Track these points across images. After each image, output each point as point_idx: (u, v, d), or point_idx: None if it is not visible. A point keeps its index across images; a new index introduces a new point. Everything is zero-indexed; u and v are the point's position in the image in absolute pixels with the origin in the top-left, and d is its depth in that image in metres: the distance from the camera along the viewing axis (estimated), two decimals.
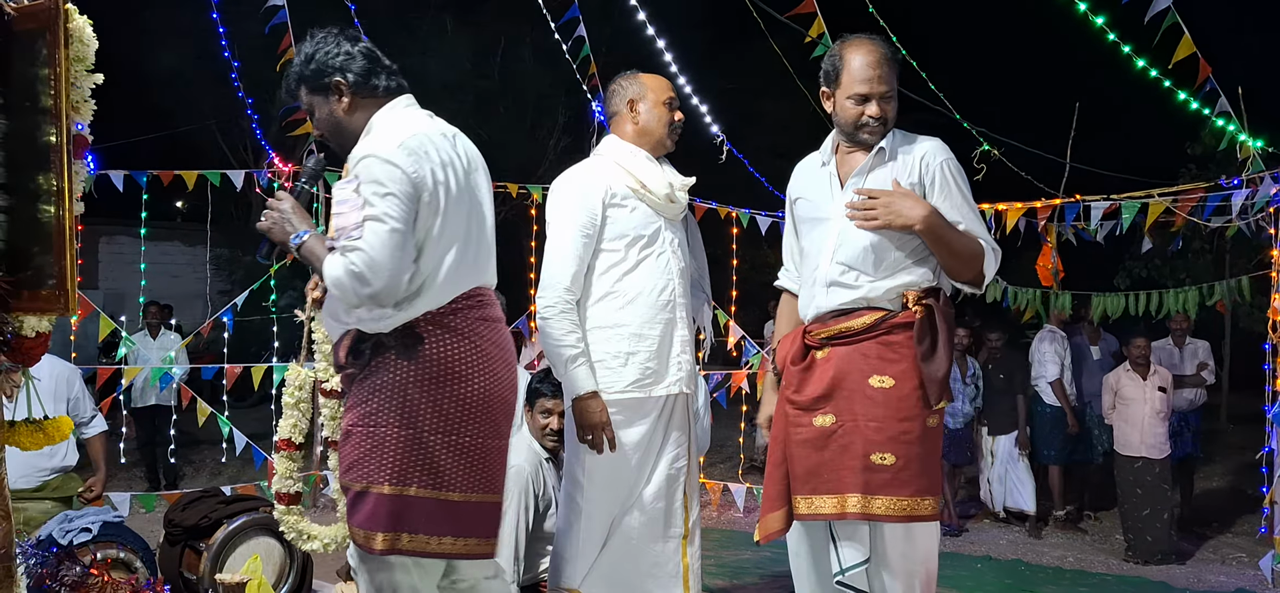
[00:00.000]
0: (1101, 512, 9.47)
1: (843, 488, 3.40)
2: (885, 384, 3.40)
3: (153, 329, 10.52)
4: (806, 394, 3.52)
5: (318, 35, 3.28)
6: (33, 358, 2.70)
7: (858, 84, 3.45)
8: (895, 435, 3.38)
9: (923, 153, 3.49)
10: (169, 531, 5.20)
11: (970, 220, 3.47)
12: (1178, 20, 6.42)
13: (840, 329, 3.48)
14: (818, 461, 3.46)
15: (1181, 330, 9.37)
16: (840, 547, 3.51)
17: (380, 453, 3.08)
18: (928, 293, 3.45)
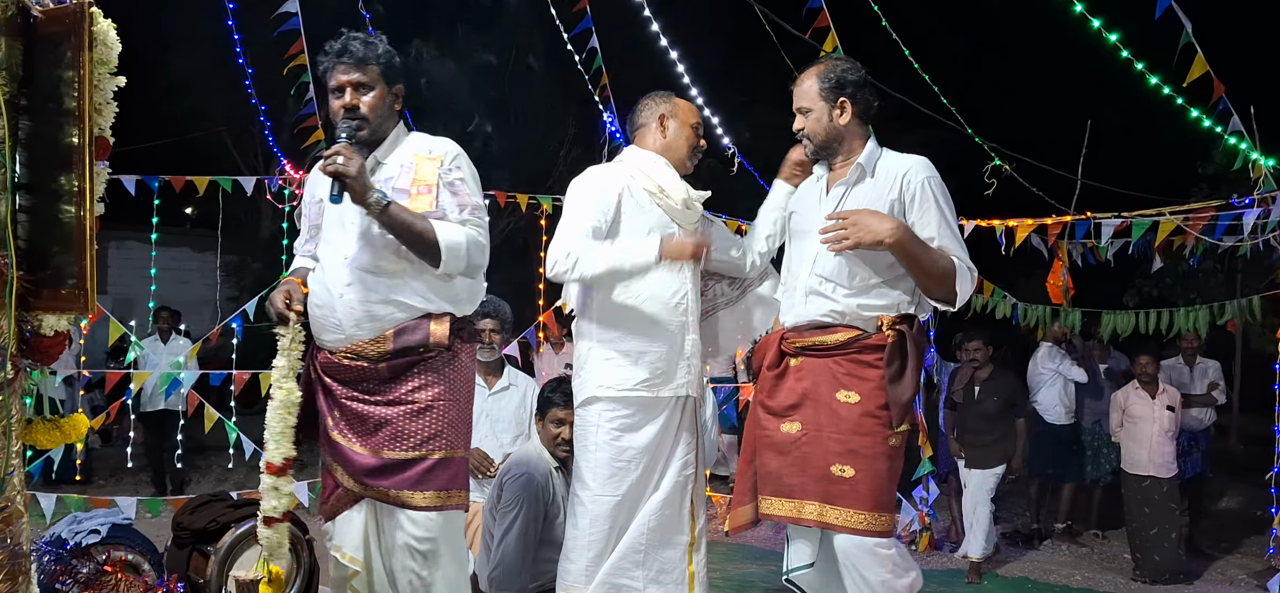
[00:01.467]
0: (1109, 531, 9.44)
1: (802, 495, 3.57)
2: (851, 399, 3.54)
3: (163, 334, 10.55)
4: (777, 400, 3.68)
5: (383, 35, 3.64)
6: (51, 357, 2.72)
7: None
8: (856, 449, 3.52)
9: (905, 170, 3.60)
10: (177, 534, 5.20)
11: (946, 239, 3.56)
12: (1192, 40, 6.41)
13: (815, 341, 3.62)
14: (780, 465, 3.63)
15: (1192, 349, 9.35)
16: (791, 548, 3.71)
17: (462, 422, 3.56)
18: (902, 319, 3.58)
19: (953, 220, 3.61)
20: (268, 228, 16.96)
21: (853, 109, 3.68)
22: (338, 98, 3.45)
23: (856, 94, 3.68)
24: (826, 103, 3.68)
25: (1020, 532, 9.32)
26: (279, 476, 3.38)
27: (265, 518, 3.45)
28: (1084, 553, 8.85)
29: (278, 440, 3.38)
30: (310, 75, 8.89)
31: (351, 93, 3.43)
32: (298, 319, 3.41)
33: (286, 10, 8.63)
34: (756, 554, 8.04)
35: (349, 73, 3.43)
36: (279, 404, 3.38)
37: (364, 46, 3.46)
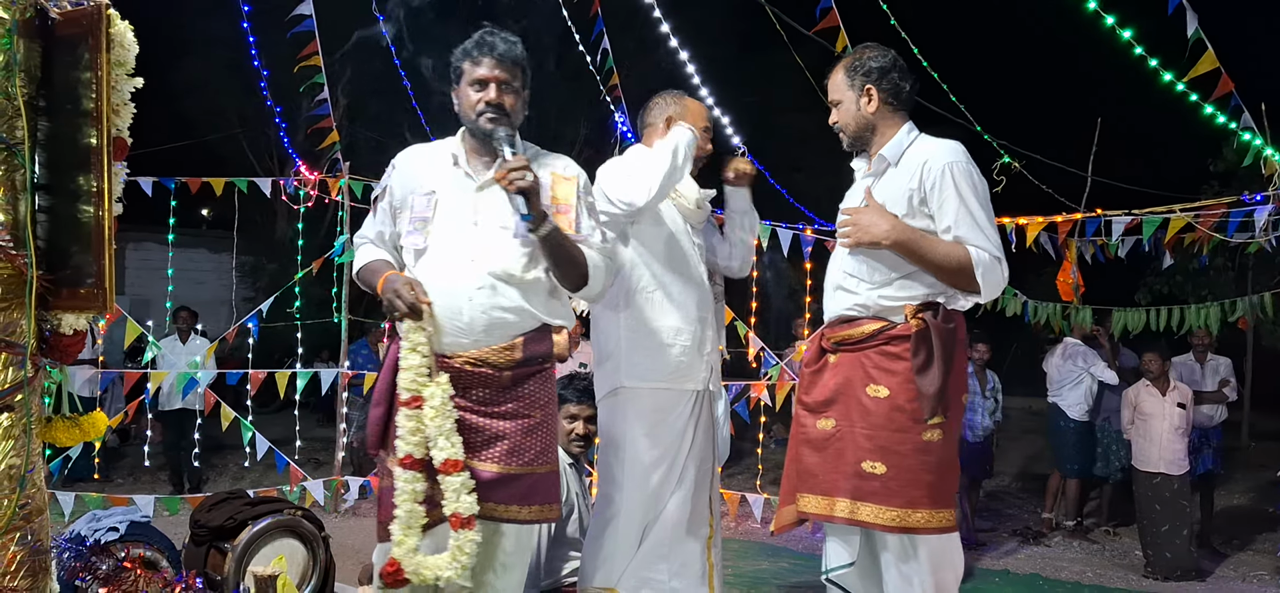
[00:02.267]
0: (1120, 527, 9.44)
1: (833, 491, 3.50)
2: (880, 394, 3.46)
3: (183, 334, 10.63)
4: (814, 397, 3.64)
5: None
6: (70, 356, 2.77)
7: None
8: (886, 446, 3.43)
9: (927, 157, 3.48)
10: (194, 531, 5.25)
11: (964, 228, 3.41)
12: (1202, 36, 6.40)
13: (846, 336, 3.57)
14: (815, 462, 3.58)
15: (1203, 346, 9.33)
16: (828, 547, 3.64)
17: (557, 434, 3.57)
18: (926, 306, 3.46)
19: (978, 208, 3.43)
20: (283, 229, 17.06)
21: (879, 96, 3.58)
22: (479, 91, 3.31)
23: (881, 80, 3.58)
24: (854, 92, 3.61)
25: (1031, 528, 9.32)
26: (460, 473, 3.16)
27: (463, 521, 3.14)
28: (1095, 550, 8.85)
29: (448, 438, 3.15)
30: (324, 76, 8.95)
31: (497, 90, 3.31)
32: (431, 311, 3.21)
33: (300, 11, 8.69)
34: (768, 551, 8.07)
35: (495, 69, 3.32)
36: (438, 404, 3.13)
37: (513, 46, 3.37)
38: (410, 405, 3.15)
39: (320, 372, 9.39)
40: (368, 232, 3.55)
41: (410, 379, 3.15)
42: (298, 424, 9.83)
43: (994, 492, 11.07)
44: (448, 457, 3.14)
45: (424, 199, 3.36)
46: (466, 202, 3.32)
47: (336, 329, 9.43)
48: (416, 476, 3.18)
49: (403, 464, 3.16)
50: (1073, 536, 9.15)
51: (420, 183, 3.40)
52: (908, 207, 3.46)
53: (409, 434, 3.16)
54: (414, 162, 3.47)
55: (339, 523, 8.42)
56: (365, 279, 3.45)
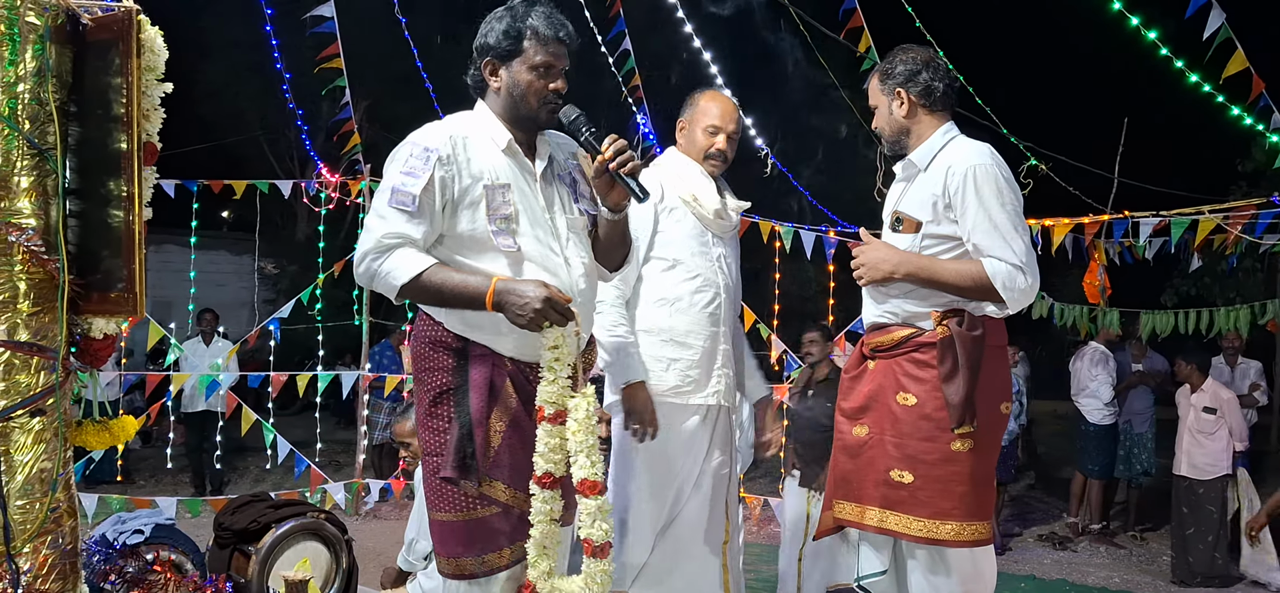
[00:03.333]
0: (1148, 531, 9.37)
1: (864, 499, 3.46)
2: (908, 402, 3.39)
3: (206, 336, 10.67)
4: (850, 403, 3.59)
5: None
6: (100, 359, 2.76)
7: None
8: (913, 455, 3.36)
9: (951, 162, 3.38)
10: (218, 534, 5.26)
11: (983, 234, 3.29)
12: (1231, 34, 6.33)
13: (879, 342, 3.52)
14: (850, 468, 3.54)
15: (1234, 349, 9.26)
16: (861, 554, 3.58)
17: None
18: (951, 313, 3.37)
19: (999, 213, 3.28)
20: (304, 231, 17.12)
21: (912, 99, 3.50)
22: (546, 77, 3.00)
23: (911, 83, 3.49)
24: (887, 97, 3.55)
25: (1057, 533, 9.26)
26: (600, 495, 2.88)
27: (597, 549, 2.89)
28: (1123, 555, 8.77)
29: (590, 456, 2.87)
30: (346, 79, 8.96)
31: (563, 79, 3.06)
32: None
33: (321, 13, 8.71)
34: None
35: (562, 57, 3.05)
36: (584, 418, 2.86)
37: (572, 35, 3.12)
38: (553, 421, 2.88)
39: (341, 374, 9.40)
40: (402, 232, 2.90)
41: (554, 393, 2.88)
42: (318, 427, 9.85)
43: (1019, 496, 11.00)
44: (588, 477, 2.87)
45: (502, 194, 2.98)
46: (530, 193, 3.03)
47: (357, 331, 9.44)
48: (554, 495, 2.90)
49: (541, 483, 2.88)
50: (1099, 540, 9.08)
51: (489, 175, 2.98)
52: (932, 213, 3.37)
53: (550, 452, 2.88)
54: (466, 150, 2.99)
55: (360, 526, 8.42)
56: (449, 290, 2.90)
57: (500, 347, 2.96)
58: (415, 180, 2.89)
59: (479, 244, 2.95)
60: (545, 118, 3.03)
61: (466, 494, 2.93)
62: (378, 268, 2.88)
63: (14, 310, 2.54)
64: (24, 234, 2.53)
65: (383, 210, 2.91)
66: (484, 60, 3.05)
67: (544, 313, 2.80)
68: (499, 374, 2.96)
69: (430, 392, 2.98)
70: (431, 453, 2.97)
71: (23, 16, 2.54)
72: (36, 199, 2.56)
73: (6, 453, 2.53)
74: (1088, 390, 9.19)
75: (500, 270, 2.93)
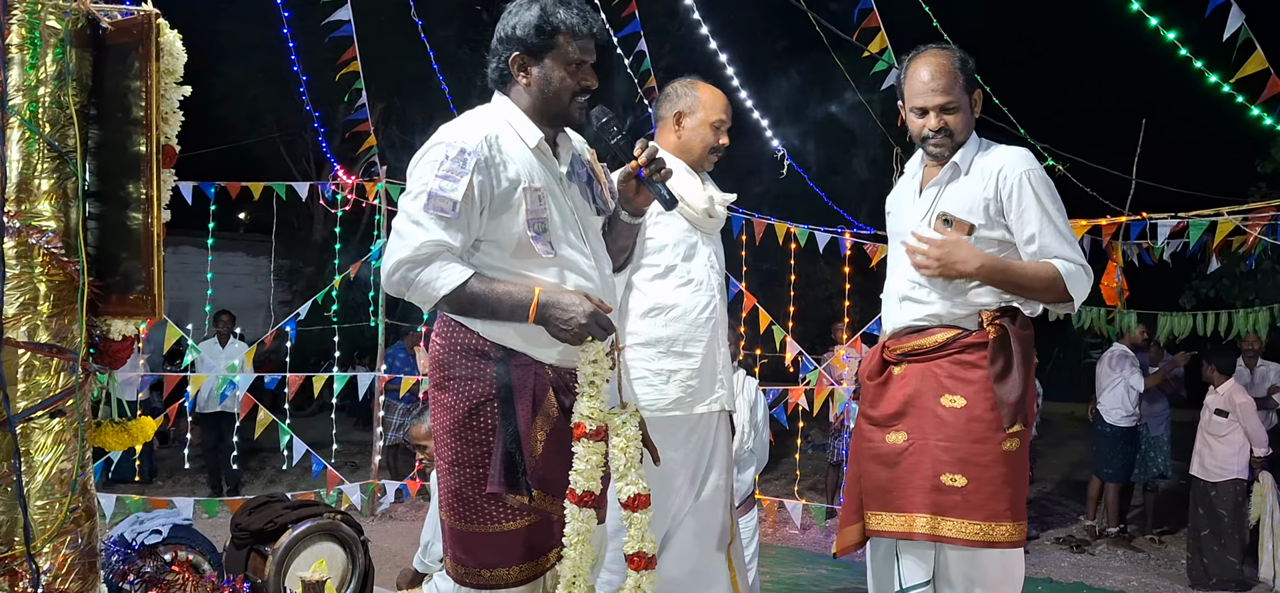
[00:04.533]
0: (1166, 535, 9.32)
1: (911, 507, 3.35)
2: (957, 404, 3.33)
3: (222, 337, 10.72)
4: (881, 410, 3.49)
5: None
6: (119, 361, 2.78)
7: (916, 97, 3.42)
8: (966, 457, 3.30)
9: (1000, 165, 3.36)
10: (235, 534, 5.29)
11: (1048, 238, 3.31)
12: (1250, 35, 6.29)
13: (914, 346, 3.44)
14: (888, 478, 3.42)
15: (1254, 352, 9.21)
16: (902, 564, 3.45)
17: None
18: (1003, 313, 3.36)
19: (1058, 215, 3.32)
20: (320, 233, 17.18)
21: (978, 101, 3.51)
22: (579, 74, 2.91)
23: (975, 84, 3.49)
24: (967, 96, 3.46)
25: (1074, 536, 9.22)
26: (644, 509, 2.81)
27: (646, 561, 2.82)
28: (1140, 558, 8.73)
29: (637, 472, 2.81)
30: (362, 81, 9.00)
31: (592, 75, 2.97)
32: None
33: (338, 17, 8.75)
34: (806, 558, 8.02)
35: (592, 52, 2.96)
36: (631, 435, 2.80)
37: (602, 29, 3.04)
38: (594, 438, 2.78)
39: (357, 375, 9.43)
40: (441, 240, 2.76)
41: (595, 409, 2.78)
42: (334, 428, 9.89)
43: (1036, 498, 10.95)
44: (637, 492, 2.79)
45: (538, 197, 2.85)
46: (559, 195, 2.92)
47: (373, 333, 9.47)
48: (592, 513, 2.80)
49: (581, 502, 2.77)
50: (1116, 543, 9.04)
51: (526, 177, 2.85)
52: (985, 217, 3.35)
53: (591, 470, 2.77)
54: (501, 151, 2.85)
55: (375, 526, 8.45)
56: (491, 302, 2.79)
57: (543, 355, 2.87)
58: (454, 185, 2.74)
59: (517, 249, 2.84)
60: (577, 115, 2.94)
61: (497, 506, 2.83)
62: (415, 278, 2.75)
63: (34, 312, 2.56)
64: (44, 237, 2.55)
65: (418, 216, 2.75)
66: (511, 54, 2.92)
67: (588, 327, 2.72)
68: (541, 383, 2.86)
69: (467, 400, 2.83)
70: (466, 463, 2.84)
71: (43, 21, 2.55)
72: (56, 202, 2.57)
73: (26, 454, 2.55)
74: (1107, 391, 9.15)
75: (538, 276, 2.84)
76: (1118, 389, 9.10)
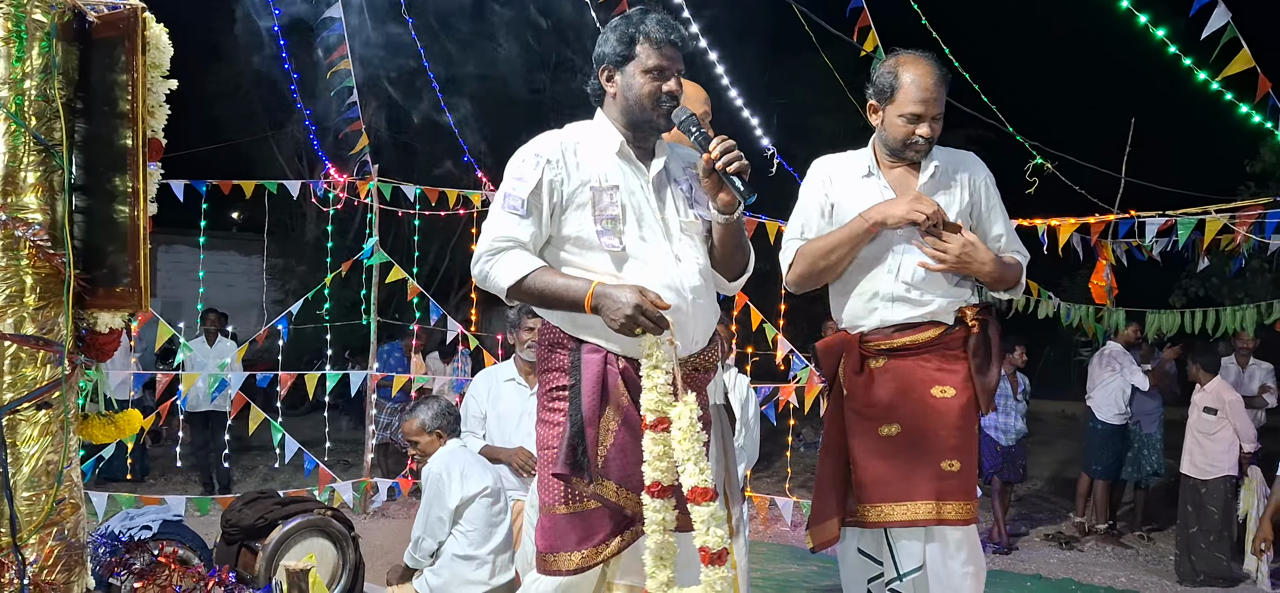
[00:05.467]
0: (1156, 532, 9.36)
1: (914, 495, 3.50)
2: (947, 394, 3.52)
3: (210, 336, 10.72)
4: (871, 405, 3.58)
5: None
6: (105, 354, 2.79)
7: (912, 104, 3.50)
8: (960, 444, 3.51)
9: (969, 172, 3.64)
10: (226, 530, 5.30)
11: (1009, 233, 3.69)
12: (1237, 34, 6.32)
13: (905, 342, 3.56)
14: (886, 469, 3.53)
15: (1245, 350, 9.25)
16: (898, 552, 3.57)
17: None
18: (984, 309, 3.60)
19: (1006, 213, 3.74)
20: (312, 231, 17.18)
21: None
22: (659, 79, 3.06)
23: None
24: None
25: (1063, 533, 9.25)
26: (711, 502, 2.83)
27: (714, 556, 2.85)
28: (1129, 555, 8.76)
29: (697, 463, 2.84)
30: (354, 80, 9.01)
31: (675, 81, 3.10)
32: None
33: (330, 16, 8.76)
34: (797, 554, 8.04)
35: (676, 60, 3.11)
36: (687, 426, 2.83)
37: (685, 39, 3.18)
38: (656, 428, 2.88)
39: (350, 374, 9.44)
40: (513, 234, 3.01)
41: (655, 400, 2.87)
42: (327, 426, 9.89)
43: (1026, 496, 10.99)
44: (697, 484, 2.84)
45: (609, 196, 3.05)
46: (641, 196, 3.08)
47: (365, 331, 9.48)
48: (666, 504, 2.89)
49: (651, 492, 2.89)
50: (1105, 540, 9.07)
51: (596, 177, 3.05)
52: (965, 217, 3.60)
53: (656, 460, 2.88)
54: (576, 154, 3.07)
55: (368, 524, 8.45)
56: (551, 293, 2.99)
57: (611, 346, 3.02)
58: (524, 184, 3.00)
59: (584, 244, 3.03)
60: (659, 119, 3.07)
61: (563, 489, 3.01)
62: (489, 270, 3.00)
63: (20, 305, 2.57)
64: (31, 229, 2.57)
65: (496, 213, 3.04)
66: (601, 68, 3.13)
67: (635, 319, 2.84)
68: (611, 372, 3.01)
69: (547, 388, 3.09)
70: (544, 446, 3.07)
71: (30, 14, 2.57)
72: (43, 195, 2.59)
73: (13, 445, 2.57)
74: (1100, 389, 9.17)
75: (604, 269, 3.01)
76: (1111, 387, 9.12)
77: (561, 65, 16.77)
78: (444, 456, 5.23)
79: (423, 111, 12.78)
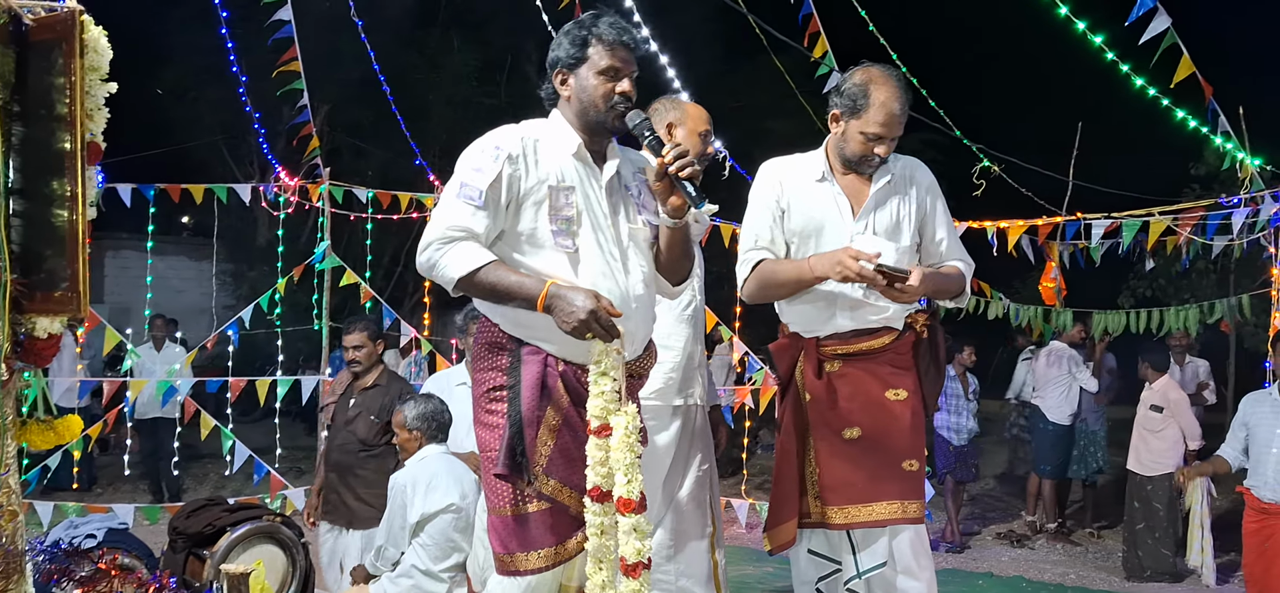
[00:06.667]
0: (1105, 529, 9.50)
1: (880, 496, 3.56)
2: (900, 397, 3.61)
3: (158, 342, 10.58)
4: (833, 408, 3.63)
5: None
6: (44, 359, 2.75)
7: (877, 125, 3.53)
8: (915, 444, 3.62)
9: (916, 180, 3.70)
10: (173, 538, 5.24)
11: (954, 239, 3.76)
12: (1177, 41, 6.44)
13: (860, 347, 3.62)
14: (850, 472, 3.59)
15: (1181, 348, 9.40)
16: (859, 554, 3.62)
17: None
18: (932, 315, 3.71)
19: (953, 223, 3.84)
20: (264, 235, 17.00)
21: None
22: (612, 80, 3.04)
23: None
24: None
25: (1015, 531, 9.36)
26: (640, 513, 2.84)
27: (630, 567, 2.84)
28: (1079, 552, 8.89)
29: (629, 473, 2.85)
30: (304, 82, 8.93)
31: (628, 83, 3.07)
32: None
33: (280, 17, 8.68)
34: (754, 557, 8.08)
35: (629, 62, 3.08)
36: (625, 434, 2.84)
37: (637, 41, 3.16)
38: (600, 434, 2.88)
39: (301, 379, 9.35)
40: (467, 225, 2.94)
41: (601, 406, 2.88)
42: (278, 433, 9.79)
43: (978, 495, 11.12)
44: (625, 495, 2.85)
45: (565, 196, 3.03)
46: (594, 199, 3.07)
47: (317, 336, 9.39)
48: (607, 508, 2.90)
49: (592, 496, 2.90)
50: (1055, 538, 9.20)
51: (554, 176, 3.03)
52: (911, 226, 3.66)
53: (599, 465, 2.88)
54: (536, 150, 3.04)
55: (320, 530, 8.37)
56: (503, 289, 2.94)
57: (555, 348, 3.00)
58: (483, 175, 2.94)
59: (538, 243, 3.00)
60: (613, 121, 3.05)
61: (513, 490, 3.00)
62: (438, 259, 2.94)
63: None
64: None
65: (450, 202, 2.97)
66: (555, 72, 3.11)
67: (588, 324, 2.83)
68: (551, 374, 3.00)
69: (484, 389, 3.06)
70: (484, 449, 3.07)
71: None
72: None
73: None
74: (1051, 389, 9.26)
75: (557, 270, 2.98)
76: (1061, 388, 9.22)
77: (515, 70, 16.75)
78: (413, 466, 5.12)
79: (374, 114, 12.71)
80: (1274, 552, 5.62)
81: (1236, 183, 7.35)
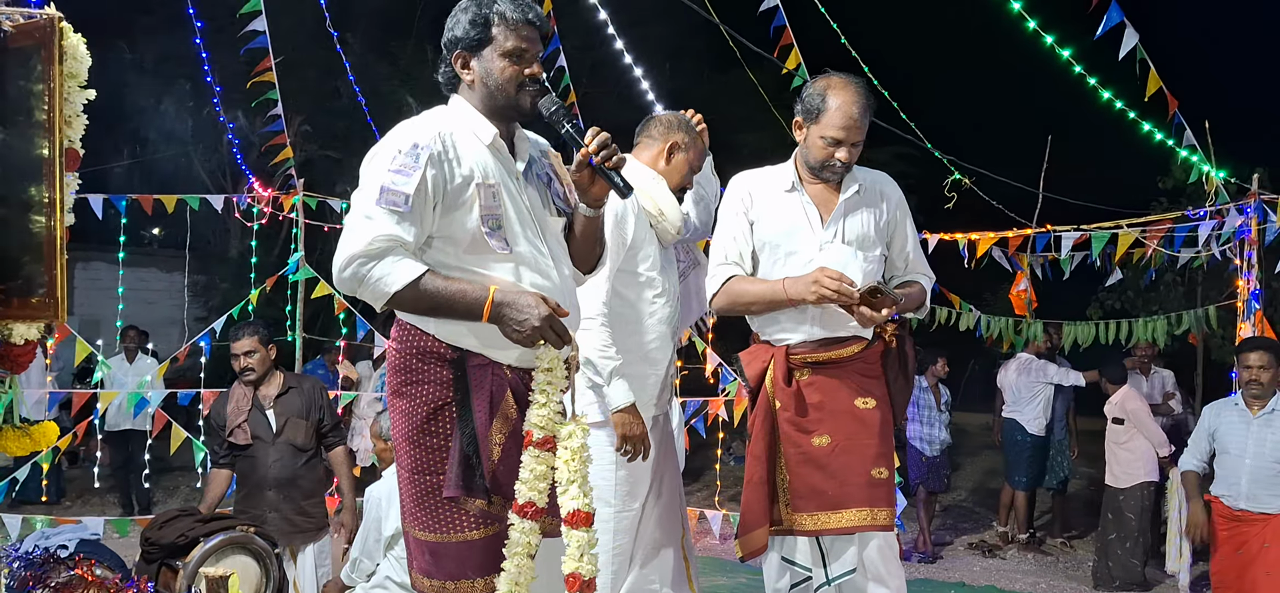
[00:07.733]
0: (1076, 539, 9.58)
1: (849, 503, 3.61)
2: (869, 405, 3.67)
3: (129, 353, 10.49)
4: (802, 416, 3.69)
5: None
6: (20, 365, 2.75)
7: (835, 129, 3.61)
8: (884, 452, 3.67)
9: (885, 193, 3.80)
10: (145, 549, 5.19)
11: (918, 253, 3.90)
12: (1145, 55, 6.54)
13: (832, 356, 3.68)
14: (820, 479, 3.64)
15: (1146, 358, 9.49)
16: (829, 561, 3.69)
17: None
18: (901, 325, 3.76)
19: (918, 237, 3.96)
20: (236, 247, 16.91)
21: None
22: (520, 62, 2.85)
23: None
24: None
25: (986, 542, 9.43)
26: (590, 529, 2.71)
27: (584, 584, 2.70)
28: (1049, 562, 8.97)
29: (582, 487, 2.71)
30: (278, 93, 8.91)
31: (537, 64, 2.89)
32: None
33: (254, 28, 8.66)
34: (726, 567, 8.10)
35: (534, 41, 2.88)
36: (577, 447, 2.71)
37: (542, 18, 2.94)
38: (542, 447, 2.70)
39: None
40: (394, 235, 2.70)
41: (546, 417, 2.71)
42: None
43: (950, 506, 11.20)
44: (579, 507, 2.69)
45: (491, 193, 2.80)
46: (516, 193, 2.88)
47: (291, 348, 9.35)
48: (535, 526, 2.70)
49: (522, 512, 2.70)
50: (1027, 548, 9.27)
51: (478, 173, 2.81)
52: (877, 236, 3.76)
53: (537, 479, 2.69)
54: (455, 146, 2.81)
55: None
56: (444, 299, 2.73)
57: (500, 356, 2.82)
58: (407, 179, 2.69)
59: (471, 246, 2.80)
60: (527, 105, 2.87)
61: (460, 514, 2.77)
62: (367, 273, 2.67)
63: None
64: None
65: (370, 211, 2.69)
66: (454, 54, 2.90)
67: (542, 331, 2.68)
68: (499, 385, 2.81)
69: (424, 405, 2.79)
70: (426, 471, 2.79)
71: None
72: None
73: None
74: (1027, 402, 9.28)
75: (494, 274, 2.80)
76: (1037, 400, 9.25)
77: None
78: (390, 477, 5.12)
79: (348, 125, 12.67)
80: (1249, 556, 5.69)
81: (1203, 196, 7.45)
